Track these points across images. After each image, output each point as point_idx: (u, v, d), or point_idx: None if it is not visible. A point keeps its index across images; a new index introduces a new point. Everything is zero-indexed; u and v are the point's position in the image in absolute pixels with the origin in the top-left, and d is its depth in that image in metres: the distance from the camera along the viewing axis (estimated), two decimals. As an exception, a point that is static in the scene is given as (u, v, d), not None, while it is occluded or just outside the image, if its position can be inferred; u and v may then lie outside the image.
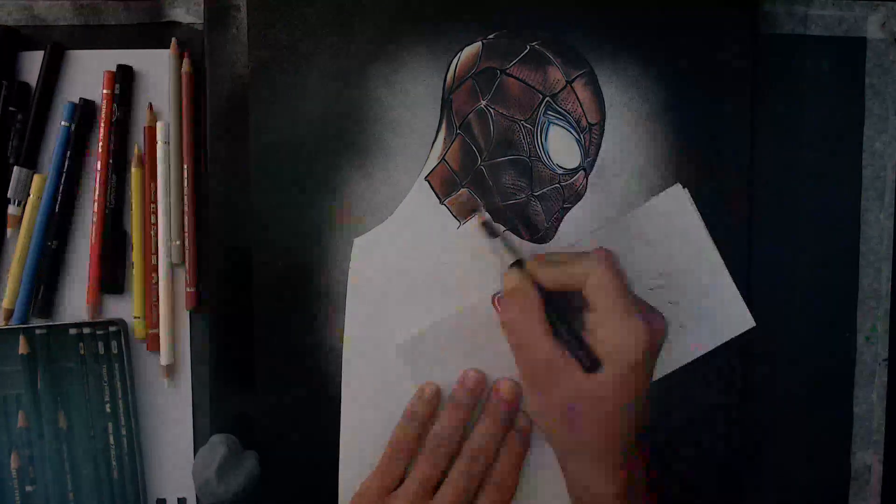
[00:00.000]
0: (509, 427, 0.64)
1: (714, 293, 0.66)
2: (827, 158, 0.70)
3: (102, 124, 0.67)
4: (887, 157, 0.70)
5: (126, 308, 0.69)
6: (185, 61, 0.67)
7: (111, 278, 0.68)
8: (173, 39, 0.67)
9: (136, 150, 0.68)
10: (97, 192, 0.67)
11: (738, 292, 0.66)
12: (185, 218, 0.68)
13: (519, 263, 0.61)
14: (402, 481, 0.63)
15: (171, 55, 0.67)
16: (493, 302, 0.65)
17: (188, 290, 0.68)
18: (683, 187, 0.66)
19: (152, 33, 0.68)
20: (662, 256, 0.66)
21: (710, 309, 0.66)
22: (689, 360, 0.67)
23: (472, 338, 0.64)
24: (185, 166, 0.68)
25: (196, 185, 0.68)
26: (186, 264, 0.68)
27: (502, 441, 0.63)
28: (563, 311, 0.59)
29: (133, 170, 0.67)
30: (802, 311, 0.70)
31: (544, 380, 0.59)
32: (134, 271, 0.68)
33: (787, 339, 0.70)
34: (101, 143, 0.67)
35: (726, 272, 0.66)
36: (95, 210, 0.67)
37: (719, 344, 0.66)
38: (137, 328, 0.68)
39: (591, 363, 0.56)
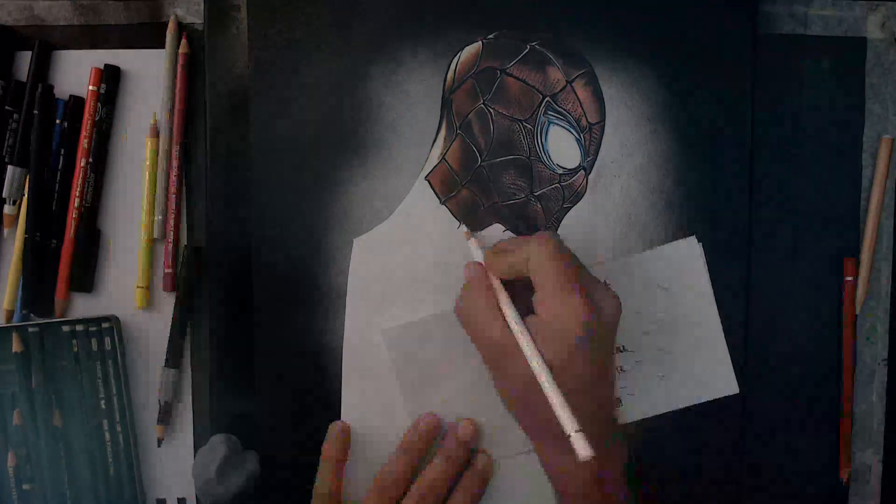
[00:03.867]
0: (463, 467, 0.65)
1: (704, 353, 0.66)
2: (827, 158, 0.70)
3: (86, 121, 0.67)
4: (888, 158, 0.70)
5: (98, 305, 0.69)
6: (183, 42, 0.67)
7: (82, 277, 0.68)
8: (172, 15, 0.67)
9: (153, 118, 0.68)
10: (75, 190, 0.67)
11: (728, 357, 0.66)
12: (170, 196, 0.68)
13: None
14: None
15: (169, 33, 0.67)
16: None
17: (166, 270, 0.68)
18: (699, 241, 0.66)
19: (153, 33, 0.68)
20: (663, 304, 0.67)
21: (697, 369, 0.66)
22: (664, 411, 0.67)
23: (454, 338, 0.64)
24: (175, 144, 0.68)
25: (185, 168, 0.68)
26: (167, 243, 0.68)
27: (457, 481, 0.64)
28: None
29: (147, 140, 0.67)
30: (802, 310, 0.70)
31: (501, 365, 0.59)
32: (142, 241, 0.68)
33: (786, 338, 0.70)
34: (81, 141, 0.67)
35: (721, 334, 0.66)
36: (71, 208, 0.67)
37: (696, 403, 0.66)
38: (139, 298, 0.68)
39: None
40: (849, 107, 0.70)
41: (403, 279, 0.66)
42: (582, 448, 0.53)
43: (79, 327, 0.66)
